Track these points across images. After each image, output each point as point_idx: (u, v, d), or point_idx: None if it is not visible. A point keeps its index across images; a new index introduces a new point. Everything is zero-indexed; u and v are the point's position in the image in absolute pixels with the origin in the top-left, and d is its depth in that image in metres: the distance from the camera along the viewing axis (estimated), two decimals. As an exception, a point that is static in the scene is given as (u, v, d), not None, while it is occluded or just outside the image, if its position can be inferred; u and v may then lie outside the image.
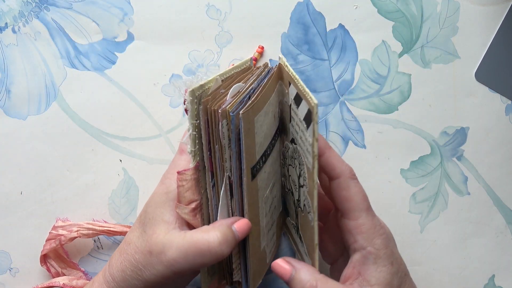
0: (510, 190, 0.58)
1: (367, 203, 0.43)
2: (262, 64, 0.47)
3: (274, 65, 0.46)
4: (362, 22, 0.55)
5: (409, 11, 0.55)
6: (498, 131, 0.57)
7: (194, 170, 0.41)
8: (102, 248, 0.55)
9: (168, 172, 0.44)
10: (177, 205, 0.42)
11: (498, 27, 0.56)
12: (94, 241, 0.55)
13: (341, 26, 0.55)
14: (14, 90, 0.54)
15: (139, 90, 0.54)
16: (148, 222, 0.43)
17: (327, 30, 0.55)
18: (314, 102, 0.38)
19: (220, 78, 0.42)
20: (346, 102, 0.55)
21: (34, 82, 0.54)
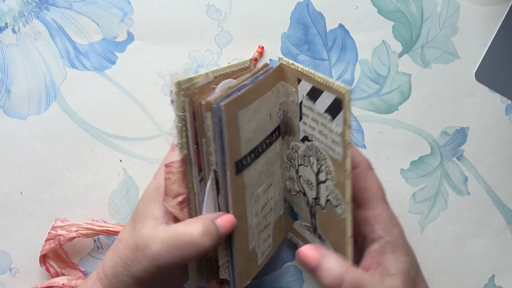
0: (510, 190, 0.58)
1: (384, 194, 0.43)
2: (263, 64, 0.47)
3: (275, 65, 0.46)
4: (362, 22, 0.55)
5: (409, 11, 0.55)
6: (498, 131, 0.57)
7: (181, 163, 0.41)
8: (102, 248, 0.55)
9: (160, 168, 0.45)
10: (164, 198, 0.42)
11: (498, 27, 0.56)
12: (94, 241, 0.55)
13: (341, 26, 0.55)
14: (14, 90, 0.54)
15: (139, 90, 0.54)
16: (137, 217, 0.43)
17: (327, 30, 0.55)
18: (345, 88, 0.38)
19: (211, 73, 0.42)
20: (346, 102, 0.55)
21: (34, 82, 0.54)
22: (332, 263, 0.39)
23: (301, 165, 0.46)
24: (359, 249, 0.43)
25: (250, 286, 0.57)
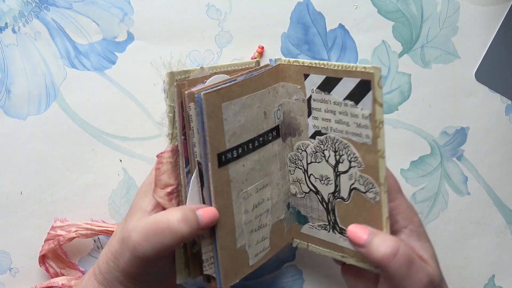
0: (510, 190, 0.58)
1: (399, 185, 0.44)
2: (264, 65, 0.47)
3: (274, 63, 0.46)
4: (362, 22, 0.55)
5: (409, 11, 0.55)
6: (498, 131, 0.57)
7: (170, 153, 0.41)
8: (102, 248, 0.55)
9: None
10: (154, 189, 0.42)
11: (498, 27, 0.56)
12: (94, 241, 0.55)
13: (341, 26, 0.55)
14: (14, 90, 0.54)
15: (139, 90, 0.54)
16: (129, 211, 0.44)
17: (327, 30, 0.55)
18: (375, 67, 0.39)
19: (208, 69, 0.42)
20: (346, 102, 0.55)
21: (34, 82, 0.54)
22: (383, 237, 0.41)
23: (311, 163, 0.46)
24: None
25: (250, 286, 0.57)
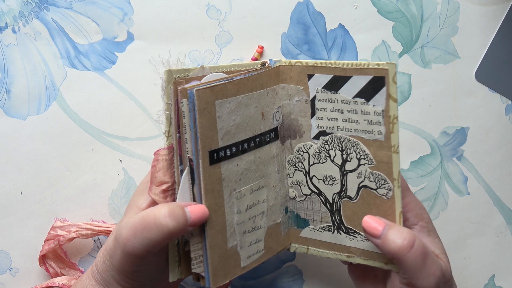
0: (510, 190, 0.58)
1: (406, 183, 0.45)
2: (261, 62, 0.47)
3: (273, 63, 0.46)
4: (362, 22, 0.55)
5: (409, 11, 0.55)
6: (498, 131, 0.57)
7: (167, 151, 0.41)
8: (102, 248, 0.55)
9: None
10: (149, 186, 0.42)
11: (498, 27, 0.56)
12: (94, 241, 0.55)
13: (341, 26, 0.55)
14: (14, 90, 0.54)
15: (139, 90, 0.54)
16: (126, 210, 0.44)
17: (327, 30, 0.55)
18: (390, 63, 0.40)
19: (209, 68, 0.42)
20: (346, 102, 0.55)
21: (34, 82, 0.54)
22: (400, 229, 0.41)
23: (314, 164, 0.46)
24: None
25: (250, 286, 0.57)
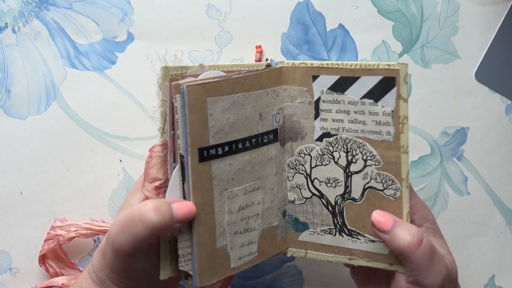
0: (510, 190, 0.58)
1: (411, 184, 0.45)
2: (265, 61, 0.47)
3: (275, 64, 0.46)
4: (362, 22, 0.55)
5: (409, 11, 0.55)
6: (498, 131, 0.57)
7: (161, 147, 0.42)
8: (102, 248, 0.55)
9: None
10: (143, 183, 0.42)
11: (498, 27, 0.56)
12: (94, 241, 0.55)
13: (341, 26, 0.55)
14: (14, 90, 0.54)
15: (139, 90, 0.54)
16: (119, 209, 0.44)
17: (327, 30, 0.55)
18: (402, 63, 0.40)
19: (209, 67, 0.42)
20: (346, 102, 0.55)
21: (34, 82, 0.54)
22: (408, 226, 0.42)
23: (316, 166, 0.46)
24: None
25: (250, 286, 0.57)
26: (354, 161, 0.44)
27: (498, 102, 0.57)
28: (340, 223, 0.46)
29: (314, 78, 0.44)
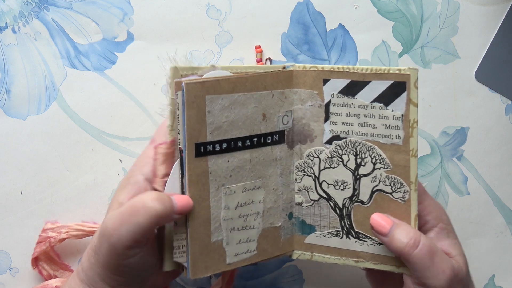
0: (510, 190, 0.58)
1: (423, 186, 0.45)
2: (281, 65, 0.47)
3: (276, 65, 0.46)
4: (362, 22, 0.55)
5: (409, 11, 0.55)
6: (498, 131, 0.57)
7: (169, 144, 0.42)
8: (102, 248, 0.55)
9: (136, 160, 0.46)
10: (153, 179, 0.43)
11: (498, 27, 0.56)
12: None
13: (341, 26, 0.55)
14: (14, 90, 0.54)
15: (139, 90, 0.54)
16: (108, 208, 0.44)
17: (327, 30, 0.55)
18: (413, 69, 0.41)
19: (221, 68, 0.43)
20: (346, 102, 0.55)
21: (34, 82, 0.54)
22: (406, 227, 0.42)
23: (325, 169, 0.46)
24: None
25: (250, 286, 0.57)
26: (363, 164, 0.44)
27: (498, 102, 0.57)
28: (347, 226, 0.46)
29: (325, 81, 0.45)
